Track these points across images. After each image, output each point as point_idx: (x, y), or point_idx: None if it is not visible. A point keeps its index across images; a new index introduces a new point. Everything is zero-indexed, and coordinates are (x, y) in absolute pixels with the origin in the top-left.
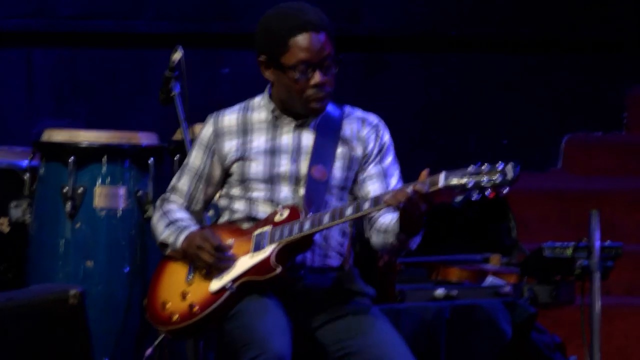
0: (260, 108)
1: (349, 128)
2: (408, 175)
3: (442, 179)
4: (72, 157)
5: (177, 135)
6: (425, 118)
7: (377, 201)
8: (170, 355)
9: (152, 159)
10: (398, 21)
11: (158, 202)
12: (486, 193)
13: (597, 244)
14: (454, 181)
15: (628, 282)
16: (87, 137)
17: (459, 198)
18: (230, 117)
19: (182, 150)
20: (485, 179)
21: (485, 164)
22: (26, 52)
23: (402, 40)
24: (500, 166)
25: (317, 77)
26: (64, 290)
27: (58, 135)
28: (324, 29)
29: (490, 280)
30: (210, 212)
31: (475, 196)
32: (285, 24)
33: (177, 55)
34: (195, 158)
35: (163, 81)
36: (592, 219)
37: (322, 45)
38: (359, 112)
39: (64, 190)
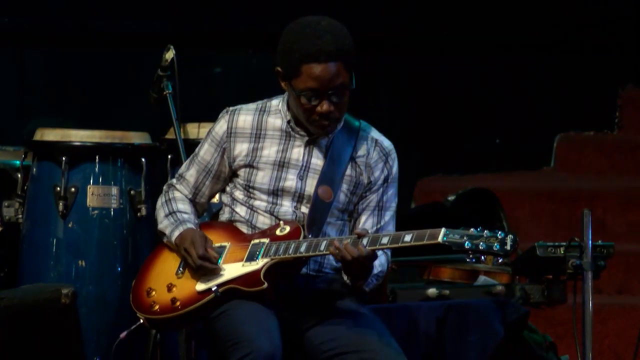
0: (276, 113)
1: (361, 149)
2: (405, 176)
3: (441, 235)
4: (65, 157)
5: (170, 135)
6: (417, 118)
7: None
8: (163, 354)
9: (144, 158)
10: (390, 22)
11: (165, 187)
12: (481, 257)
13: (589, 243)
14: (453, 239)
15: (619, 281)
16: (79, 136)
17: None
18: (245, 118)
19: (175, 149)
20: (483, 244)
21: (486, 230)
22: (18, 52)
23: (395, 42)
24: (500, 235)
25: (324, 106)
26: (56, 289)
27: (50, 135)
28: (339, 58)
29: (482, 279)
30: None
31: (469, 258)
32: (300, 48)
33: (170, 55)
34: (206, 152)
35: (155, 80)
36: (584, 218)
37: (334, 76)
38: (374, 133)
39: (57, 190)
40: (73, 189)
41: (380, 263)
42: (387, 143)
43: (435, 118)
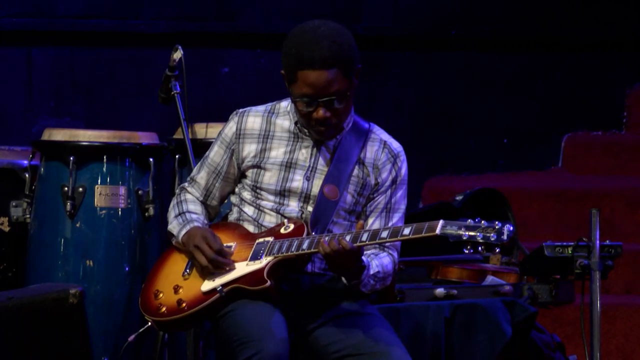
0: (285, 115)
1: (369, 151)
2: (413, 176)
3: (439, 227)
4: (72, 157)
5: (178, 134)
6: (425, 117)
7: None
8: (171, 355)
9: (152, 158)
10: (398, 20)
11: (177, 190)
12: (479, 248)
13: (597, 243)
14: (451, 231)
15: (627, 281)
16: (87, 136)
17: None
18: (254, 120)
19: (183, 149)
20: (480, 235)
21: (483, 221)
22: (25, 52)
23: (402, 40)
24: (497, 225)
25: (319, 113)
26: (63, 289)
27: (58, 135)
28: (335, 66)
29: (490, 279)
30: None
31: (467, 250)
32: (296, 54)
33: (177, 55)
34: (216, 154)
35: (163, 80)
36: (592, 218)
37: (329, 83)
38: (383, 135)
39: (64, 190)
40: (81, 189)
41: (380, 264)
42: (395, 145)
43: (442, 117)
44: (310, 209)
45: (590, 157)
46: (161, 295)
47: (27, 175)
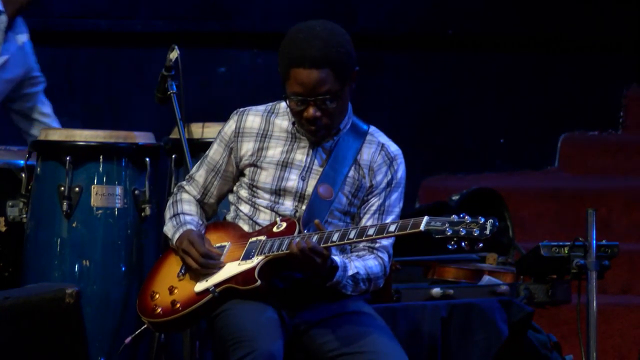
0: (284, 115)
1: (366, 153)
2: (410, 175)
3: (423, 223)
4: (69, 156)
5: (174, 134)
6: (422, 117)
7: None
8: (167, 355)
9: (148, 158)
10: (394, 20)
11: (175, 189)
12: (462, 244)
13: (594, 243)
14: (435, 227)
15: (624, 281)
16: (83, 136)
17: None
18: (254, 119)
19: (179, 149)
20: (463, 230)
21: (467, 216)
22: None
23: (398, 40)
24: (481, 220)
25: (309, 112)
26: (60, 289)
27: (55, 135)
28: (326, 66)
29: (486, 279)
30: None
31: (450, 245)
32: (289, 52)
33: (174, 55)
34: (215, 152)
35: (159, 80)
36: (589, 218)
37: (319, 83)
38: (382, 138)
39: (61, 190)
40: (77, 189)
41: (363, 265)
42: (393, 148)
43: (438, 117)
44: (304, 208)
45: (587, 157)
46: (157, 296)
47: (23, 175)
